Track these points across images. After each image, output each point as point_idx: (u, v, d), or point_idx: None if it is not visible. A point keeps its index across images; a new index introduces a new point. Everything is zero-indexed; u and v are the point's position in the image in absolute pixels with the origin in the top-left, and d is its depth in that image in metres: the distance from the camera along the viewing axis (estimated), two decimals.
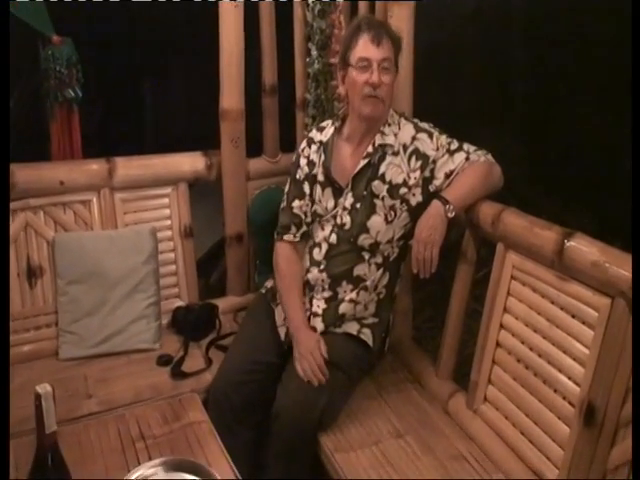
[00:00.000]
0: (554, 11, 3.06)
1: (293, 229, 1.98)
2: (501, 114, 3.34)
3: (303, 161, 1.98)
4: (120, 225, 2.23)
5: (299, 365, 1.80)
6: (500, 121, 3.32)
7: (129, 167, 2.26)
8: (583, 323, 1.49)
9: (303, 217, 1.97)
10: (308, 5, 2.26)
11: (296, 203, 1.98)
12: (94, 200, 2.20)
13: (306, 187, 1.96)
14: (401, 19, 2.02)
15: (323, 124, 2.04)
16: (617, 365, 1.38)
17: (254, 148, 2.43)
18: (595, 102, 3.04)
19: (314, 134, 2.01)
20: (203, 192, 2.66)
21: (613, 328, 1.40)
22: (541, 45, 3.24)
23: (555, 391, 1.54)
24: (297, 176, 1.99)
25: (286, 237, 1.99)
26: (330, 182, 1.92)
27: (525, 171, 3.15)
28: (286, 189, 2.04)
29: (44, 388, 1.31)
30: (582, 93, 3.08)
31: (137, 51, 3.21)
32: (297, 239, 1.98)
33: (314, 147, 1.97)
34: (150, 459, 1.50)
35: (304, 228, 1.98)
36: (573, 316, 1.52)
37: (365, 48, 1.77)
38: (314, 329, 1.91)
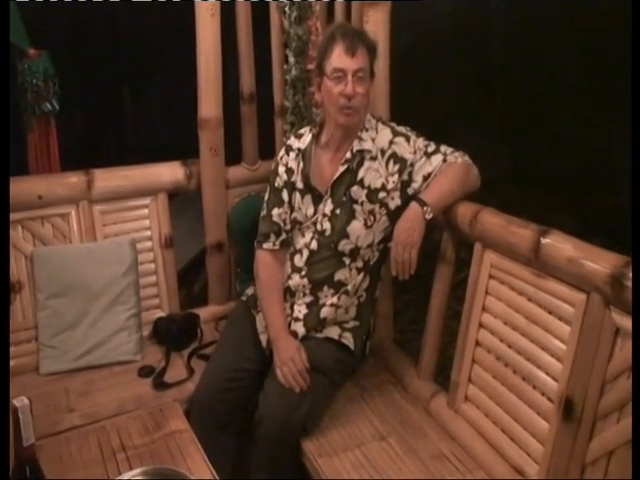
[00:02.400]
0: (533, 10, 3.10)
1: (272, 237, 1.98)
2: (481, 115, 3.37)
3: (281, 169, 1.98)
4: (99, 237, 2.22)
5: (280, 372, 1.80)
6: (480, 122, 3.35)
7: (108, 179, 2.25)
8: (560, 319, 1.50)
9: (282, 225, 1.97)
10: (285, 12, 2.27)
11: (275, 211, 1.98)
12: (73, 213, 2.19)
13: (285, 195, 1.96)
14: (377, 23, 2.03)
15: (301, 131, 2.04)
16: (593, 359, 1.39)
17: (233, 156, 2.43)
18: (575, 103, 3.07)
19: (292, 141, 2.01)
20: (186, 203, 2.67)
21: (589, 323, 1.41)
22: (520, 45, 3.27)
23: (534, 387, 1.55)
24: (276, 184, 1.99)
25: (265, 245, 1.99)
26: (309, 189, 1.92)
27: (505, 171, 3.17)
28: (266, 197, 2.04)
29: (21, 401, 1.30)
30: (563, 94, 3.12)
31: (116, 62, 3.20)
32: (277, 247, 1.98)
33: (292, 154, 1.97)
34: (131, 469, 1.49)
35: (283, 236, 1.98)
36: (550, 312, 1.53)
37: (339, 59, 1.76)
38: (295, 334, 1.91)
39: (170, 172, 2.34)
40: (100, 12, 2.87)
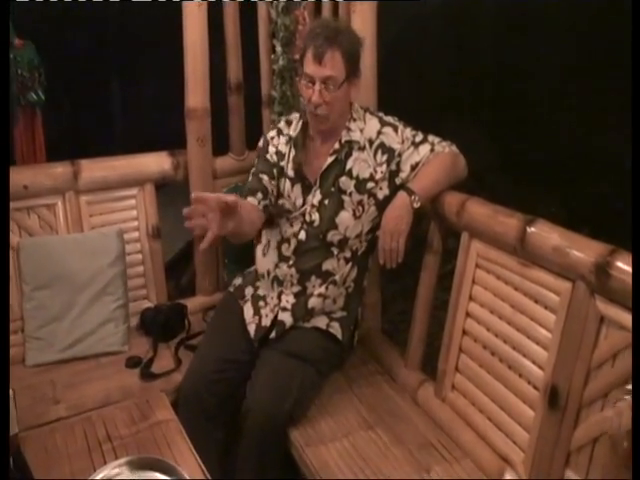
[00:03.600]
0: (522, 3, 3.10)
1: (259, 195, 1.87)
2: (470, 106, 3.37)
3: (272, 149, 1.93)
4: (86, 228, 2.21)
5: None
6: (469, 112, 3.35)
7: (94, 169, 2.23)
8: (545, 308, 1.50)
9: (269, 192, 1.89)
10: (272, 2, 2.26)
11: (264, 177, 1.90)
12: (59, 204, 2.18)
13: (274, 172, 1.91)
14: (364, 14, 2.02)
15: (291, 117, 1.99)
16: (579, 347, 1.39)
17: (221, 146, 2.42)
18: (563, 93, 3.08)
19: (283, 126, 1.97)
20: (174, 194, 2.65)
21: (574, 311, 1.41)
22: (509, 37, 3.28)
23: (520, 376, 1.56)
24: (267, 157, 1.93)
25: (250, 199, 1.87)
26: (300, 178, 1.91)
27: (494, 161, 3.18)
28: (252, 170, 1.97)
29: None
30: (550, 85, 3.13)
31: (102, 52, 3.18)
32: (260, 206, 1.87)
33: (283, 139, 1.94)
34: (117, 460, 1.48)
35: (267, 202, 1.88)
36: (536, 301, 1.53)
37: (308, 65, 1.74)
38: (282, 323, 1.90)
39: (157, 162, 2.33)
40: (86, 2, 2.85)
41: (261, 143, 2.01)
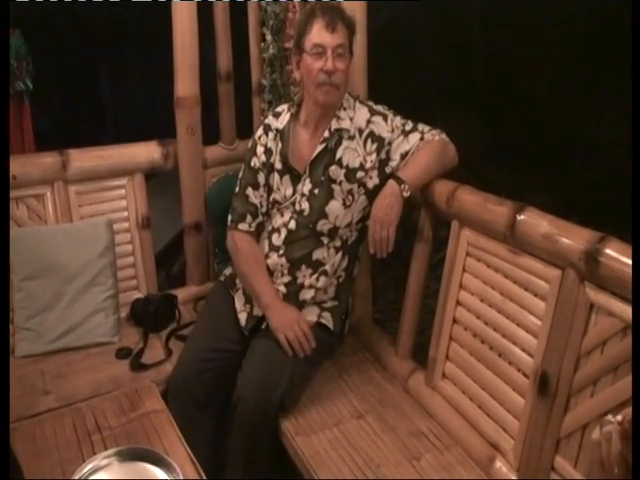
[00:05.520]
0: None
1: (249, 218, 1.95)
2: (462, 95, 3.37)
3: (260, 149, 1.95)
4: (75, 218, 2.20)
5: (282, 338, 1.78)
6: (461, 102, 3.35)
7: (83, 159, 2.22)
8: (535, 295, 1.50)
9: (259, 207, 1.94)
10: None
11: (250, 191, 1.94)
12: (48, 194, 2.17)
13: (261, 177, 1.93)
14: (354, 2, 2.01)
15: (279, 109, 2.00)
16: (568, 334, 1.39)
17: (211, 135, 2.41)
18: (552, 83, 3.08)
19: (270, 120, 1.98)
20: (165, 184, 2.64)
21: (564, 298, 1.41)
22: (499, 28, 3.27)
23: (510, 363, 1.56)
24: (252, 164, 1.96)
25: (241, 226, 1.95)
26: (288, 169, 1.90)
27: (485, 151, 3.18)
28: (240, 175, 2.01)
29: None
30: (540, 74, 3.13)
31: (92, 41, 3.15)
32: (252, 229, 1.95)
33: (271, 135, 1.94)
34: (106, 450, 1.47)
35: (259, 219, 1.95)
36: (525, 289, 1.53)
37: (319, 34, 1.75)
38: None
39: (146, 152, 2.32)
40: None
41: (250, 144, 2.02)
